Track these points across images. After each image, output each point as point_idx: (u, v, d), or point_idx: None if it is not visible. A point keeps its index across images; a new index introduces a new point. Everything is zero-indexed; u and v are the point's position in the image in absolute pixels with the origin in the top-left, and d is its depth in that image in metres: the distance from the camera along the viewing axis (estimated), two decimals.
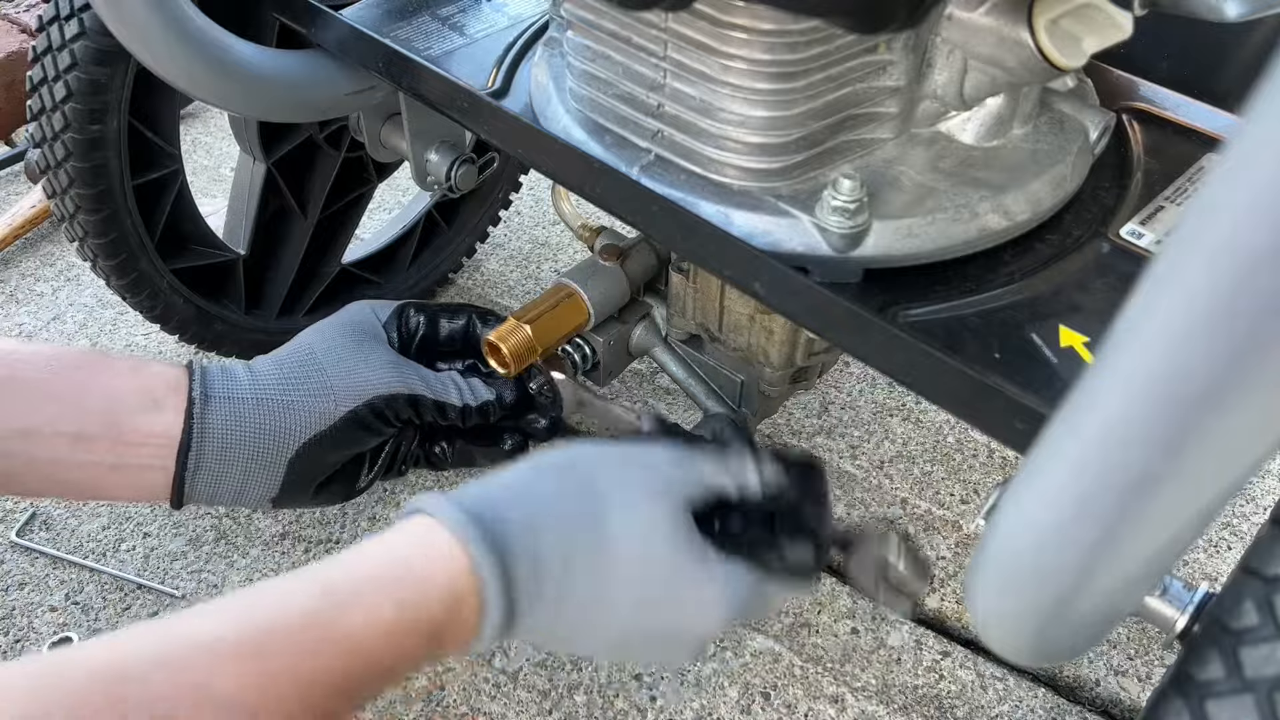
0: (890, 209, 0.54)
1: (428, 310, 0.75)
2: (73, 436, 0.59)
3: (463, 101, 0.65)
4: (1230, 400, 0.29)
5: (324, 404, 0.66)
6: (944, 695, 0.79)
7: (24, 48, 1.37)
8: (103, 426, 0.60)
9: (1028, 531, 0.36)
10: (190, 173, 0.88)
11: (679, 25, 0.54)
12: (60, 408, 0.59)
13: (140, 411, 0.61)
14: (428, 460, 0.75)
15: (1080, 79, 0.64)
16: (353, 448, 0.69)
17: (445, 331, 0.75)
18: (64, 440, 0.59)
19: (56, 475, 0.60)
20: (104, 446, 0.60)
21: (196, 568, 0.86)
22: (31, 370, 0.59)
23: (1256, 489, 0.96)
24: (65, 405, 0.59)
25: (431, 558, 0.48)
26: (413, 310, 0.75)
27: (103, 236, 0.80)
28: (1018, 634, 0.40)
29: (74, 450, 0.59)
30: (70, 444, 0.59)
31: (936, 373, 0.49)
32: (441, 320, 0.75)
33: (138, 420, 0.60)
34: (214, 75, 0.69)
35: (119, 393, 0.61)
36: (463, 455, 0.75)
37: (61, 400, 0.59)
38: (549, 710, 0.77)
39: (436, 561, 0.48)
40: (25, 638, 0.81)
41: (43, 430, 0.58)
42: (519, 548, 0.50)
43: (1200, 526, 0.35)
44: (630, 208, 0.58)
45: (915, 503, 0.94)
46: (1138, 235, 0.57)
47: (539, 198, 1.29)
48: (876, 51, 0.54)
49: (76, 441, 0.59)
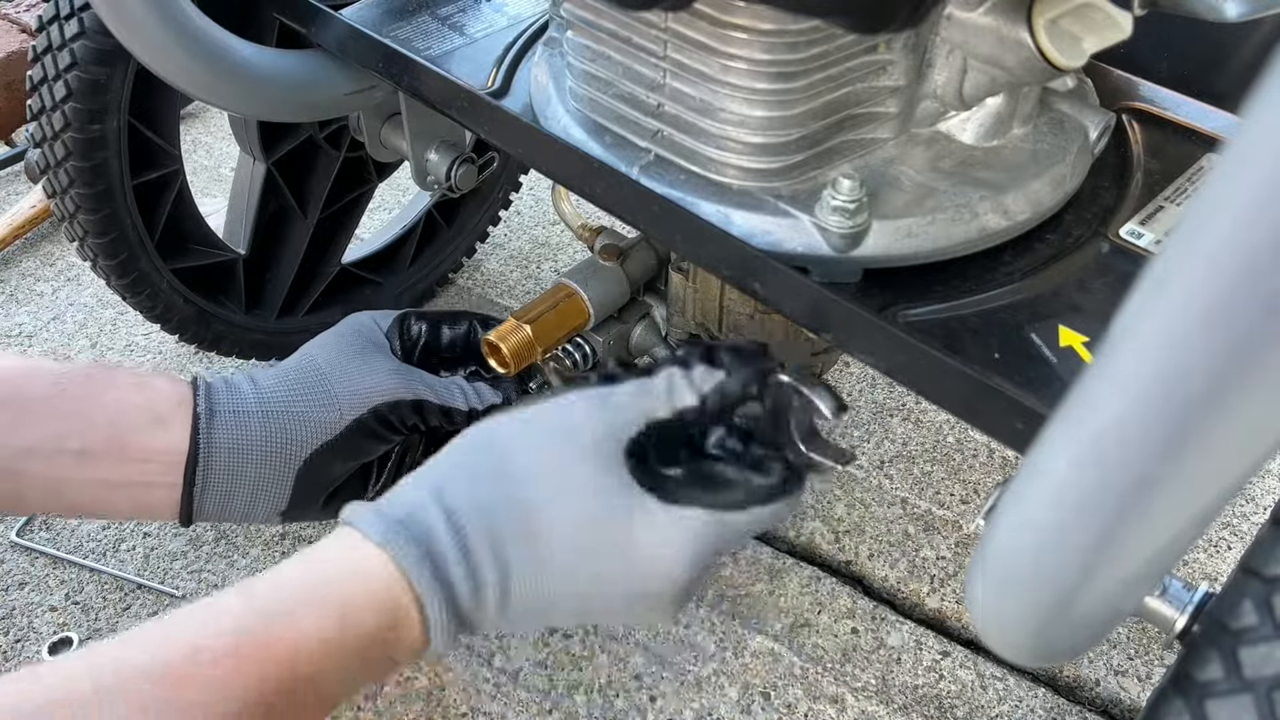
0: (890, 209, 0.54)
1: (429, 318, 0.75)
2: (77, 454, 0.58)
3: (463, 101, 0.65)
4: (1230, 400, 0.29)
5: (329, 414, 0.66)
6: (944, 695, 0.79)
7: (24, 48, 1.37)
8: (107, 444, 0.59)
9: (1028, 531, 0.36)
10: (190, 173, 0.88)
11: (679, 25, 0.54)
12: (65, 425, 0.58)
13: (145, 428, 0.60)
14: None
15: (1080, 79, 0.64)
16: (360, 457, 0.68)
17: (447, 339, 0.75)
18: (69, 458, 0.58)
19: (61, 493, 0.60)
20: (110, 464, 0.59)
21: (196, 568, 0.86)
22: (35, 387, 0.59)
23: (1256, 489, 0.96)
24: (70, 423, 0.59)
25: (359, 570, 0.48)
26: (414, 319, 0.74)
27: (103, 236, 0.80)
28: (1018, 634, 0.40)
29: (79, 468, 0.59)
30: (75, 461, 0.58)
31: (936, 373, 0.49)
32: (443, 328, 0.75)
33: (143, 437, 0.60)
34: (214, 75, 0.69)
35: (124, 409, 0.60)
36: None
37: (66, 418, 0.59)
38: (549, 710, 0.77)
39: (364, 574, 0.47)
40: (25, 638, 0.81)
41: (47, 448, 0.58)
42: (443, 539, 0.49)
43: (1200, 527, 0.35)
44: (630, 208, 0.58)
45: (915, 503, 0.94)
46: (1138, 235, 0.57)
47: (539, 198, 1.29)
48: (876, 51, 0.54)
49: (81, 459, 0.59)
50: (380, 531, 0.48)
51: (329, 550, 0.49)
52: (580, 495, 0.51)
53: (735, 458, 0.54)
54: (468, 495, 0.51)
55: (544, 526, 0.50)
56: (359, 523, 0.49)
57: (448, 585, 0.48)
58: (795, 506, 0.55)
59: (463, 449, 0.54)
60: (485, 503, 0.50)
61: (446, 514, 0.49)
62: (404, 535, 0.48)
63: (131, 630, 0.44)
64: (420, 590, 0.47)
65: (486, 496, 0.51)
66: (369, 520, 0.49)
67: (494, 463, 0.52)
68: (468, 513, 0.50)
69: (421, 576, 0.47)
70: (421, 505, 0.50)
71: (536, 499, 0.51)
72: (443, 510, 0.50)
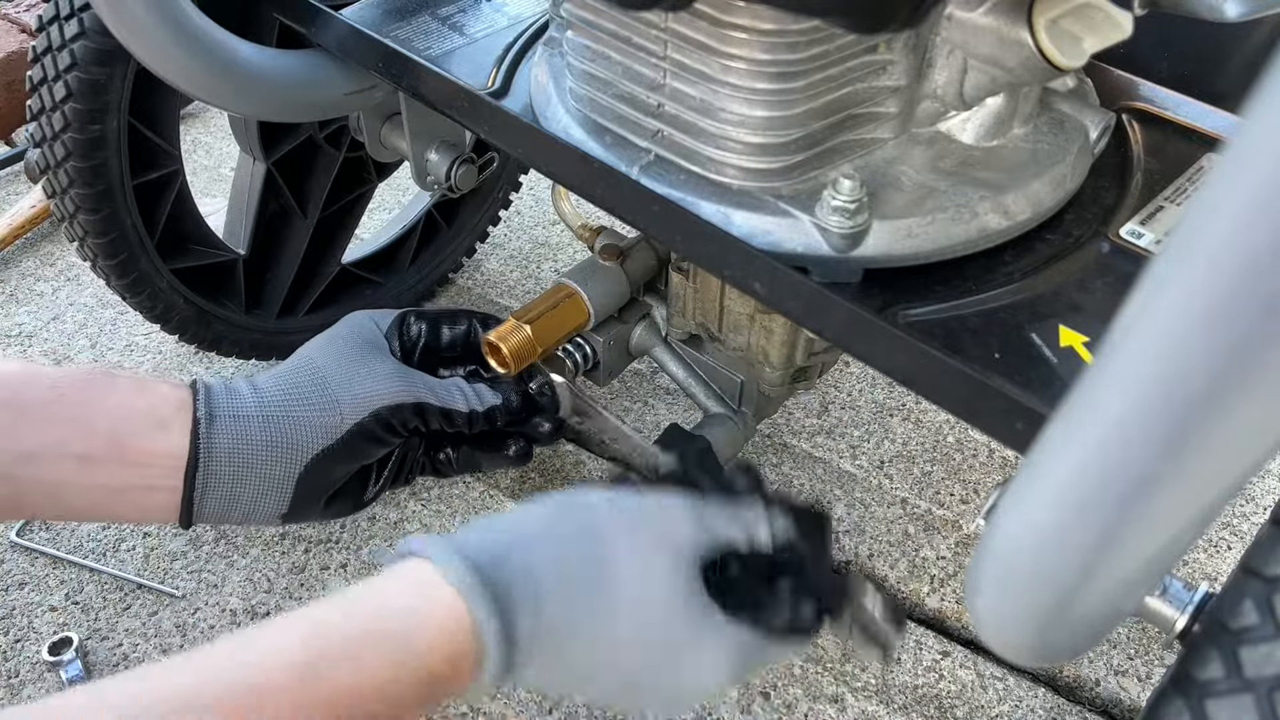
0: (890, 209, 0.54)
1: (428, 317, 0.75)
2: (78, 459, 0.58)
3: (463, 101, 0.65)
4: (1230, 400, 0.29)
5: (330, 418, 0.66)
6: (944, 695, 0.79)
7: (24, 48, 1.37)
8: (108, 448, 0.59)
9: (1028, 532, 0.36)
10: (190, 173, 0.88)
11: (679, 25, 0.54)
12: (65, 430, 0.58)
13: (146, 433, 0.60)
14: (433, 468, 0.75)
15: (1080, 79, 0.64)
16: (361, 460, 0.68)
17: (446, 338, 0.75)
18: (70, 463, 0.58)
19: (62, 498, 0.59)
20: (110, 469, 0.59)
21: (196, 567, 0.86)
22: (35, 392, 0.58)
23: (1256, 489, 0.96)
24: (70, 428, 0.58)
25: (430, 613, 0.47)
26: (413, 318, 0.74)
27: (103, 236, 0.80)
28: (1017, 634, 0.40)
29: (80, 473, 0.59)
30: (76, 466, 0.58)
31: (936, 373, 0.49)
32: (443, 327, 0.75)
33: (144, 441, 0.60)
34: (214, 75, 0.69)
35: (124, 414, 0.60)
36: (468, 461, 0.75)
37: (66, 423, 0.58)
38: (549, 710, 0.77)
39: (435, 616, 0.47)
40: (25, 638, 0.81)
41: (48, 453, 0.58)
42: (519, 595, 0.49)
43: (1201, 527, 0.35)
44: (630, 208, 0.58)
45: (915, 503, 0.94)
46: (1138, 235, 0.57)
47: (539, 198, 1.29)
48: (876, 51, 0.54)
49: (82, 464, 0.58)
50: (458, 574, 0.48)
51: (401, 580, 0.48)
52: (661, 584, 0.52)
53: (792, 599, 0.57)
54: (552, 560, 0.51)
55: (619, 605, 0.51)
56: (438, 559, 0.48)
57: (511, 639, 0.48)
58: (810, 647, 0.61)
59: (554, 517, 0.54)
60: (568, 573, 0.51)
61: (525, 570, 0.50)
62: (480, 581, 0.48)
63: (192, 653, 0.44)
64: (485, 641, 0.47)
65: (572, 569, 0.51)
66: (447, 558, 0.48)
67: (581, 527, 0.53)
68: (548, 576, 0.50)
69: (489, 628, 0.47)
70: (505, 556, 0.50)
71: (619, 575, 0.52)
72: (524, 565, 0.50)
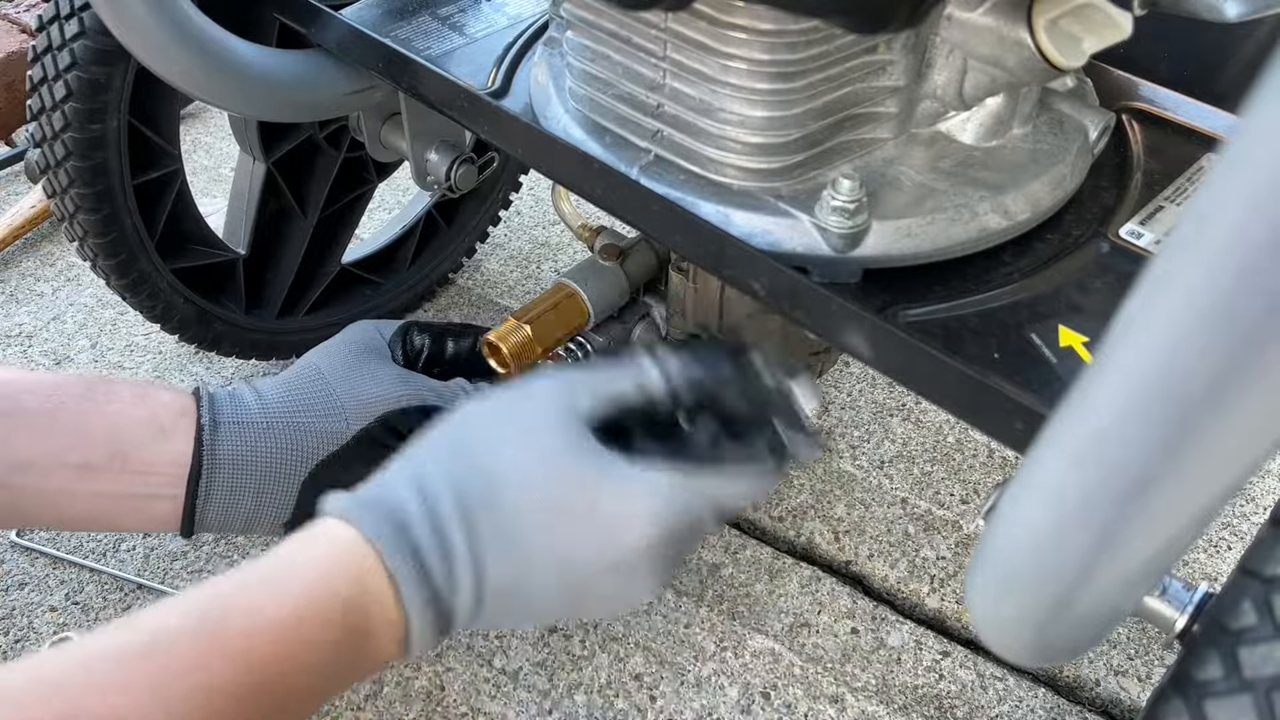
0: (890, 209, 0.54)
1: (432, 330, 0.74)
2: (78, 468, 0.58)
3: (462, 101, 0.65)
4: (1229, 400, 0.29)
5: (335, 424, 0.65)
6: (944, 695, 0.79)
7: (24, 48, 1.37)
8: (109, 457, 0.59)
9: (1027, 532, 0.36)
10: (190, 173, 0.88)
11: (679, 25, 0.54)
12: (66, 439, 0.58)
13: (148, 441, 0.60)
14: None
15: (1080, 79, 0.64)
16: (365, 466, 0.68)
17: (450, 352, 0.74)
18: (70, 472, 0.58)
19: (63, 507, 0.59)
20: (110, 477, 0.59)
21: (196, 568, 0.86)
22: (35, 400, 0.58)
23: (1256, 489, 0.96)
24: (71, 436, 0.58)
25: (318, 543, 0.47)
26: (417, 330, 0.74)
27: (103, 236, 0.80)
28: (1017, 634, 0.40)
29: (80, 481, 0.58)
30: (76, 475, 0.58)
31: (936, 373, 0.49)
32: (447, 340, 0.74)
33: (145, 450, 0.60)
34: (214, 75, 0.69)
35: (125, 422, 0.60)
36: None
37: (67, 431, 0.58)
38: (549, 710, 0.77)
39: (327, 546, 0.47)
40: (25, 638, 0.81)
41: (48, 462, 0.57)
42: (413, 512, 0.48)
43: (1200, 527, 0.35)
44: (630, 208, 0.58)
45: (915, 503, 0.94)
46: (1137, 235, 0.57)
47: (539, 198, 1.29)
48: (876, 51, 0.54)
49: (82, 473, 0.58)
50: (345, 508, 0.49)
51: (304, 536, 0.49)
52: (544, 459, 0.50)
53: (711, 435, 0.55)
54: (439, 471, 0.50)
55: (509, 492, 0.50)
56: (328, 505, 0.50)
57: (415, 548, 0.47)
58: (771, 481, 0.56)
59: (434, 433, 0.54)
60: (454, 475, 0.50)
61: (418, 485, 0.49)
62: (371, 509, 0.48)
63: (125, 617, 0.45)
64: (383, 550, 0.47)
65: (454, 470, 0.50)
66: (337, 500, 0.49)
67: (461, 439, 0.52)
68: (439, 485, 0.50)
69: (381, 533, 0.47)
70: (390, 483, 0.50)
71: (500, 466, 0.50)
72: (414, 483, 0.50)
